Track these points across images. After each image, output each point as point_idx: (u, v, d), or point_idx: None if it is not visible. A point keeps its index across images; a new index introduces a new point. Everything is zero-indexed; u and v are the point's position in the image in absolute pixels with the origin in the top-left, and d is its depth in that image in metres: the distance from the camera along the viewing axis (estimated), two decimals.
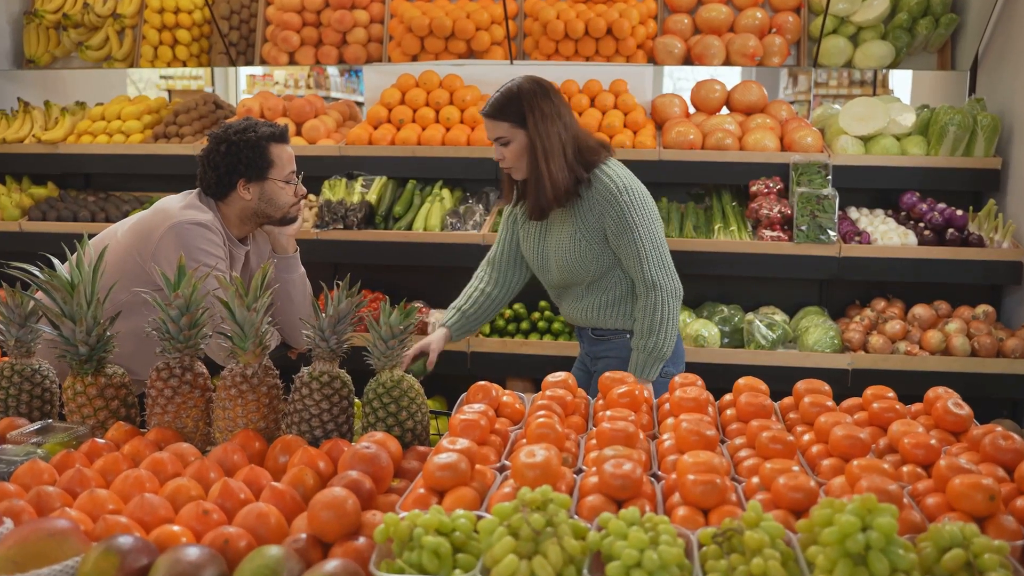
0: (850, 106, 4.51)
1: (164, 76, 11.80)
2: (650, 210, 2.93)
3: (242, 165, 2.87)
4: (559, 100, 2.92)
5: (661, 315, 2.92)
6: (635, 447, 1.81)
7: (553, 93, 2.92)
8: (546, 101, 2.87)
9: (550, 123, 2.86)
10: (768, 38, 4.89)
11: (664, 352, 2.92)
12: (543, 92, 2.89)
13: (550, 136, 2.85)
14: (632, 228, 2.89)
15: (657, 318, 2.91)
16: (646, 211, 2.91)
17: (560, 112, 2.89)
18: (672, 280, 2.96)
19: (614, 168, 2.95)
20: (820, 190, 4.13)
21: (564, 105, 2.93)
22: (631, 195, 2.90)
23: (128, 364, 2.85)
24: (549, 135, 2.85)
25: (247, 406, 2.14)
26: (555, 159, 2.86)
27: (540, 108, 2.85)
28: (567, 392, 2.10)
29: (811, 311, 4.18)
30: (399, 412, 2.10)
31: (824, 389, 2.13)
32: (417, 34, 5.01)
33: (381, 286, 4.54)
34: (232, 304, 2.12)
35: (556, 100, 2.90)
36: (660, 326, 2.91)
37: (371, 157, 4.57)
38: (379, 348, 2.13)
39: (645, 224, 2.91)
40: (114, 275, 2.81)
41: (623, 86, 4.71)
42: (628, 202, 2.89)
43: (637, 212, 2.89)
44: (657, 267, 2.93)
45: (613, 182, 2.90)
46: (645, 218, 2.91)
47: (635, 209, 2.89)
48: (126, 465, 1.96)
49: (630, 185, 2.92)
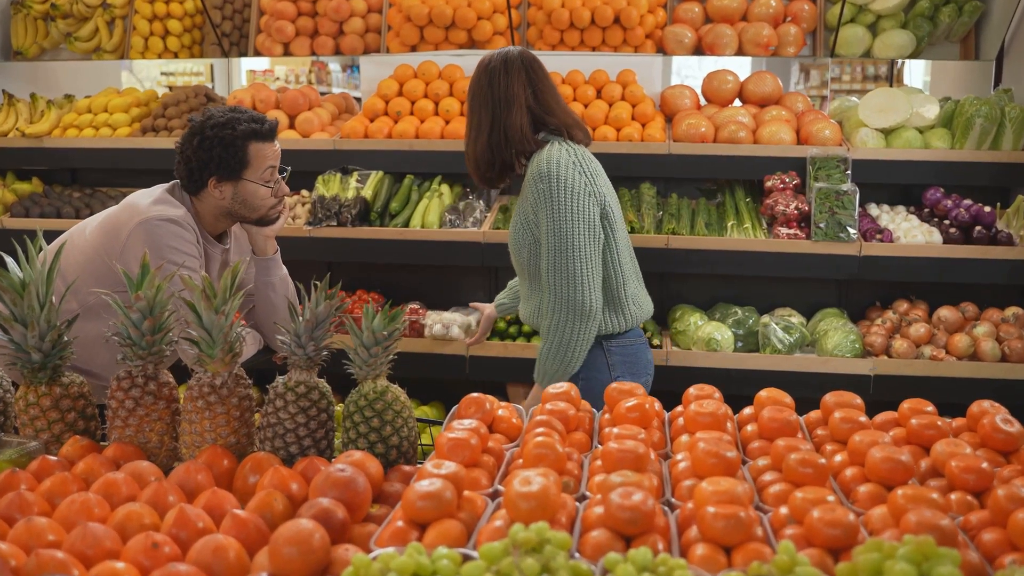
0: (870, 97, 4.29)
1: (165, 72, 11.64)
2: (566, 206, 2.69)
3: (213, 163, 2.64)
4: (522, 78, 2.81)
5: (551, 324, 2.73)
6: (645, 470, 1.60)
7: (517, 71, 2.81)
8: (499, 77, 2.79)
9: (488, 99, 2.81)
10: (783, 27, 4.67)
11: (551, 368, 2.74)
12: (504, 68, 2.80)
13: (481, 111, 2.82)
14: (540, 218, 2.73)
15: (547, 325, 2.74)
16: (561, 205, 2.69)
17: (509, 93, 2.79)
18: (571, 291, 2.69)
19: (555, 152, 2.75)
20: (839, 185, 3.90)
21: (527, 85, 2.81)
22: (549, 183, 2.70)
23: (103, 372, 2.66)
24: (480, 110, 2.82)
25: (215, 419, 1.93)
26: (479, 136, 2.82)
27: (480, 82, 2.83)
28: (569, 405, 1.89)
29: (830, 313, 3.96)
30: (382, 427, 1.89)
31: (856, 403, 1.91)
32: (416, 23, 4.80)
33: (377, 286, 4.34)
34: (198, 306, 1.91)
35: (514, 79, 2.80)
36: (549, 336, 2.73)
37: (367, 151, 4.35)
38: (361, 356, 1.92)
39: (554, 218, 2.69)
40: (82, 275, 2.61)
41: (631, 77, 4.50)
42: (544, 190, 2.71)
43: (548, 202, 2.70)
44: (554, 270, 2.71)
45: (539, 166, 2.74)
46: (557, 212, 2.69)
47: (548, 199, 2.70)
48: (76, 487, 1.76)
49: (555, 173, 2.71)
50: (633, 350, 2.92)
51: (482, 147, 2.83)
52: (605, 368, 2.87)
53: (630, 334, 2.92)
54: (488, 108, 2.81)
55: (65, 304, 2.61)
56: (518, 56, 2.84)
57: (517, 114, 2.79)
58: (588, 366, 2.85)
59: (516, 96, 2.80)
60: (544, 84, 2.87)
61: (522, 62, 2.84)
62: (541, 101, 2.84)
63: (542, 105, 2.84)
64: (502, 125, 2.80)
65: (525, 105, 2.81)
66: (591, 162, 2.82)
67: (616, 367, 2.87)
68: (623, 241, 2.89)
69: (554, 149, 2.76)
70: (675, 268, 3.93)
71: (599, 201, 2.75)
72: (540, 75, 2.87)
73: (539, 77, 2.86)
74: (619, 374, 2.86)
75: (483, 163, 2.85)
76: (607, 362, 2.87)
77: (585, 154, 2.82)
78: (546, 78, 2.89)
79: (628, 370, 2.89)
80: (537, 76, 2.86)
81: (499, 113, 2.80)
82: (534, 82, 2.84)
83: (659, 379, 3.76)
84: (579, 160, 2.76)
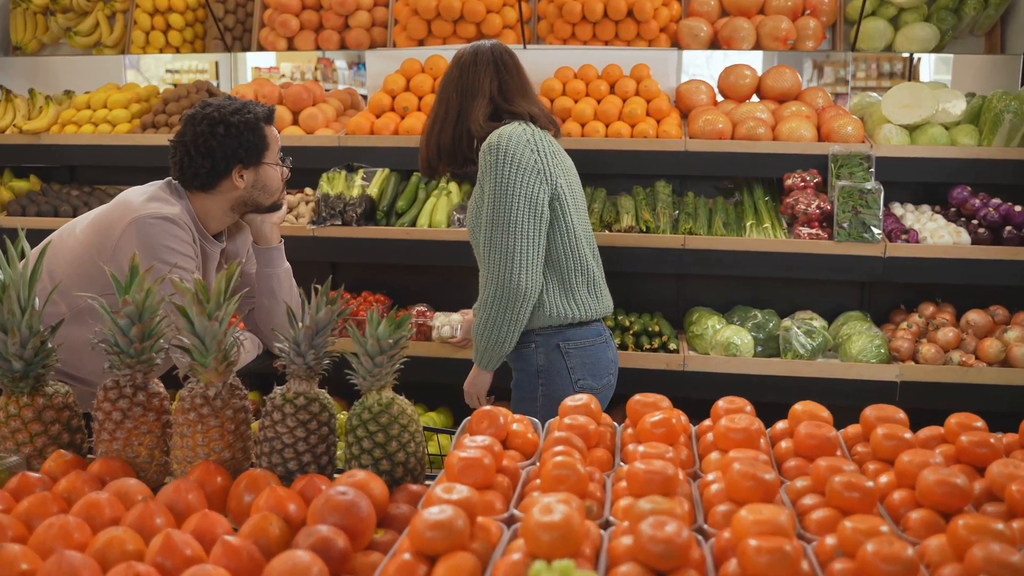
0: (894, 92, 4.14)
1: (170, 70, 11.53)
2: (510, 180, 2.64)
3: (242, 150, 2.56)
4: (490, 71, 2.82)
5: (483, 300, 2.72)
6: (675, 494, 1.46)
7: (485, 64, 2.82)
8: (469, 68, 2.81)
9: (456, 89, 2.82)
10: (802, 20, 4.52)
11: (481, 345, 2.77)
12: (474, 60, 2.83)
13: (449, 101, 2.83)
14: (484, 190, 2.68)
15: (480, 300, 2.74)
16: (505, 178, 2.64)
17: (475, 85, 2.80)
18: (504, 268, 2.65)
19: (509, 129, 2.72)
20: (863, 184, 3.76)
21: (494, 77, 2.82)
22: (496, 155, 2.66)
23: (94, 380, 2.54)
24: (448, 100, 2.84)
25: (208, 433, 1.80)
26: (444, 126, 2.83)
27: (451, 73, 2.86)
28: (589, 419, 1.75)
29: (852, 316, 3.81)
30: (388, 443, 1.76)
31: (899, 417, 1.77)
32: (424, 17, 4.66)
33: (383, 287, 4.20)
34: (190, 311, 1.78)
35: (482, 71, 2.81)
36: (480, 312, 2.73)
37: (373, 148, 4.22)
38: (365, 365, 1.79)
39: (496, 192, 2.65)
40: (72, 276, 2.48)
41: (645, 71, 4.35)
42: (490, 162, 2.67)
43: (492, 175, 2.66)
44: (490, 245, 2.68)
45: (489, 141, 2.70)
46: (499, 185, 2.64)
47: (492, 171, 2.66)
48: (56, 507, 1.63)
49: (503, 146, 2.66)
50: (593, 351, 2.84)
51: (446, 136, 2.83)
52: (565, 372, 2.80)
53: (588, 332, 2.84)
54: (457, 97, 2.82)
55: (53, 307, 2.49)
56: (489, 50, 2.86)
57: (479, 104, 2.78)
58: (548, 372, 2.80)
59: (481, 88, 2.81)
60: (511, 78, 2.87)
61: (492, 55, 2.86)
62: (505, 93, 2.83)
63: (506, 97, 2.83)
64: (466, 115, 2.80)
65: (488, 97, 2.81)
66: (548, 143, 2.77)
67: (576, 370, 2.81)
68: (582, 227, 2.83)
69: (509, 127, 2.73)
70: (692, 269, 3.79)
71: (548, 181, 2.70)
72: (510, 69, 2.88)
73: (508, 70, 2.86)
74: (579, 377, 2.81)
75: (444, 152, 2.85)
76: (566, 365, 2.80)
77: (544, 136, 2.78)
78: (516, 73, 2.89)
79: (589, 372, 2.83)
80: (506, 69, 2.87)
81: (465, 103, 2.81)
82: (501, 74, 2.84)
83: (676, 386, 3.64)
84: (533, 139, 2.72)
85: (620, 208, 3.94)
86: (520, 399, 2.89)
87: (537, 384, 2.83)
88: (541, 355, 2.81)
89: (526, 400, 2.86)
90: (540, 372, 2.81)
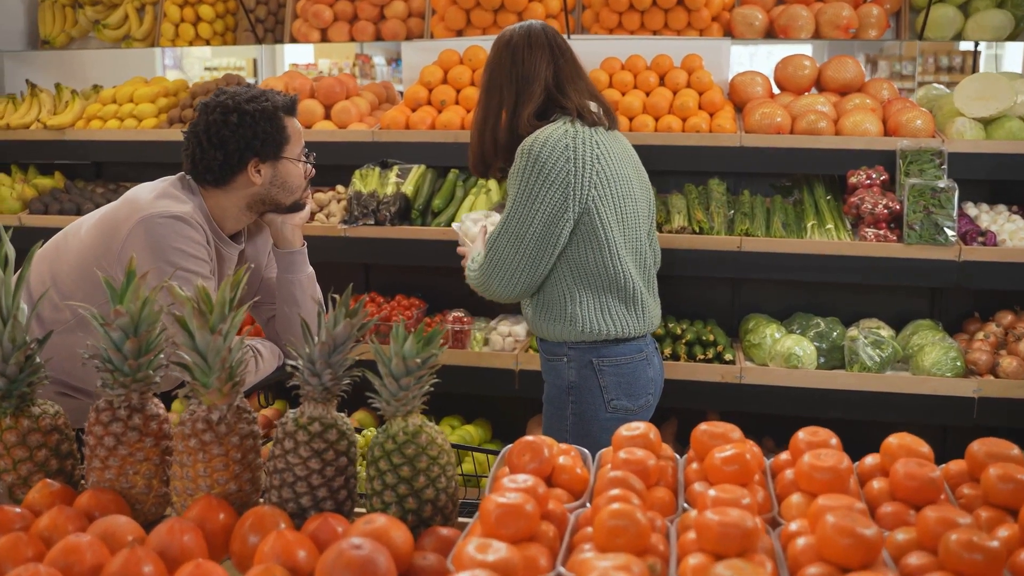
0: (966, 84, 3.83)
1: (209, 67, 11.45)
2: (534, 192, 2.41)
3: (258, 141, 2.31)
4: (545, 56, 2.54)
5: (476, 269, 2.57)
6: (755, 551, 1.21)
7: (541, 47, 2.54)
8: (522, 53, 2.53)
9: (511, 78, 2.55)
10: (864, 8, 4.23)
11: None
12: (528, 43, 2.55)
13: (503, 91, 2.56)
14: (509, 189, 2.48)
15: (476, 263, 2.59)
16: (529, 187, 2.42)
17: (531, 72, 2.53)
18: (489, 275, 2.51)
19: (549, 131, 2.46)
20: (935, 181, 3.47)
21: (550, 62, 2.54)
22: (527, 160, 2.42)
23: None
24: (502, 90, 2.57)
25: (211, 462, 1.58)
26: (497, 120, 2.59)
27: (501, 59, 2.57)
28: (648, 454, 1.50)
29: (923, 325, 3.52)
30: (414, 477, 1.52)
31: (1013, 454, 1.50)
32: (463, 6, 4.43)
33: (417, 291, 3.98)
34: (190, 324, 1.56)
35: (537, 55, 2.53)
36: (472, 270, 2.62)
37: (408, 143, 3.99)
38: (389, 388, 1.55)
39: (517, 198, 2.44)
40: (77, 281, 2.28)
41: (697, 62, 4.09)
42: (520, 166, 2.44)
43: (518, 178, 2.44)
44: (492, 242, 2.49)
45: (526, 142, 2.46)
46: (524, 192, 2.42)
47: (519, 175, 2.44)
48: (32, 551, 1.41)
49: (536, 152, 2.42)
50: (630, 369, 2.58)
51: (503, 130, 2.58)
52: (597, 390, 2.56)
53: (626, 349, 2.57)
54: (512, 87, 2.55)
55: (57, 313, 2.29)
56: (541, 30, 2.59)
57: (533, 94, 2.53)
58: (579, 389, 2.56)
59: (536, 75, 2.54)
60: (567, 63, 2.59)
61: (546, 37, 2.58)
62: (559, 81, 2.56)
63: (559, 85, 2.55)
64: (522, 106, 2.54)
65: (543, 85, 2.54)
66: (593, 147, 2.47)
67: (609, 388, 2.56)
68: (624, 240, 2.55)
69: (550, 128, 2.47)
70: (749, 273, 3.52)
71: (579, 194, 2.43)
72: (565, 53, 2.60)
73: (563, 54, 2.60)
74: (613, 396, 2.56)
75: (502, 148, 2.59)
76: (599, 383, 2.56)
77: (590, 138, 2.48)
78: (571, 57, 2.61)
79: (624, 392, 2.57)
80: (562, 53, 2.59)
81: (522, 93, 2.54)
82: (557, 60, 2.57)
83: (731, 399, 3.38)
84: (573, 145, 2.44)
85: (671, 208, 3.68)
86: (551, 414, 2.67)
87: (567, 400, 2.60)
88: (573, 370, 2.58)
89: (556, 416, 2.64)
90: (571, 388, 2.59)
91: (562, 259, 2.50)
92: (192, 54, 11.04)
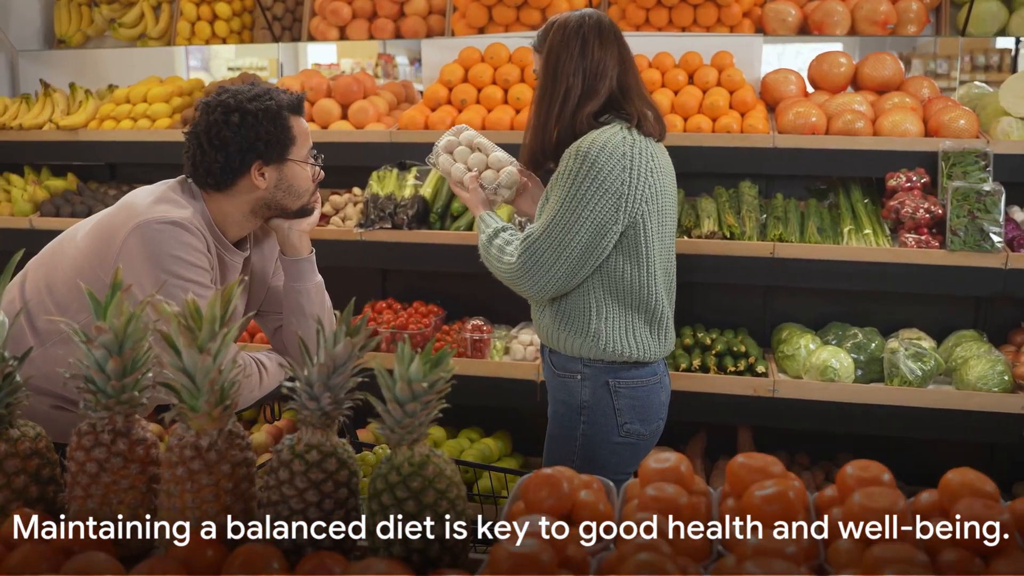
0: (1012, 81, 3.65)
1: (232, 68, 11.39)
2: (586, 199, 2.28)
3: (261, 142, 2.16)
4: (615, 52, 2.39)
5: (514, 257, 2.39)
6: None
7: (611, 41, 2.39)
8: (593, 42, 2.37)
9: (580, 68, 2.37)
10: (903, 2, 4.05)
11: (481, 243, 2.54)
12: (599, 34, 2.38)
13: (572, 80, 2.37)
14: (552, 192, 2.35)
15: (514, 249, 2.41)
16: (581, 193, 2.28)
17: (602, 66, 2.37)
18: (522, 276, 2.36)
19: (607, 136, 2.31)
20: (980, 185, 3.29)
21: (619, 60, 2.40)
22: (580, 163, 2.28)
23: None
24: (570, 78, 2.37)
25: (200, 493, 1.44)
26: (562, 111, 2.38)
27: (569, 46, 2.37)
28: (680, 490, 1.35)
29: (967, 337, 3.34)
30: (420, 512, 1.38)
31: None
32: (484, 3, 4.30)
33: (436, 297, 3.84)
34: (177, 342, 1.42)
35: (608, 49, 2.38)
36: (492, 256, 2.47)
37: (427, 144, 3.80)
38: (393, 415, 1.41)
39: (564, 202, 2.30)
40: (72, 291, 2.15)
41: (728, 59, 3.92)
42: (571, 168, 2.30)
43: (569, 182, 2.29)
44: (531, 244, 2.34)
45: (579, 144, 2.31)
46: (574, 198, 2.28)
47: (571, 178, 2.29)
48: None
49: (593, 157, 2.27)
50: (645, 392, 2.46)
51: (565, 124, 2.38)
52: (611, 412, 2.43)
53: (644, 372, 2.45)
54: (579, 79, 2.37)
55: (53, 324, 2.17)
56: (610, 24, 2.42)
57: (601, 89, 2.38)
58: (592, 410, 2.44)
59: (606, 69, 2.38)
60: (631, 64, 2.46)
61: (614, 31, 2.41)
62: (624, 84, 2.41)
63: (623, 88, 2.41)
64: (588, 99, 2.37)
65: (609, 82, 2.39)
66: (649, 159, 2.34)
67: (623, 412, 2.44)
68: (661, 260, 2.43)
69: (609, 132, 2.33)
70: (782, 281, 3.35)
71: (629, 207, 2.30)
72: (629, 51, 2.46)
73: (629, 54, 2.45)
74: (626, 420, 2.44)
75: (564, 142, 2.40)
76: (614, 406, 2.43)
77: (646, 147, 2.35)
78: (632, 58, 2.47)
79: (637, 416, 2.45)
80: (627, 50, 2.45)
81: (590, 85, 2.37)
82: (624, 57, 2.43)
83: (764, 414, 3.21)
84: (631, 153, 2.30)
85: (700, 211, 3.52)
86: (558, 434, 2.54)
87: (579, 421, 2.46)
88: (587, 390, 2.44)
89: (564, 437, 2.51)
90: (584, 408, 2.45)
91: (597, 269, 2.36)
92: (219, 55, 10.98)
